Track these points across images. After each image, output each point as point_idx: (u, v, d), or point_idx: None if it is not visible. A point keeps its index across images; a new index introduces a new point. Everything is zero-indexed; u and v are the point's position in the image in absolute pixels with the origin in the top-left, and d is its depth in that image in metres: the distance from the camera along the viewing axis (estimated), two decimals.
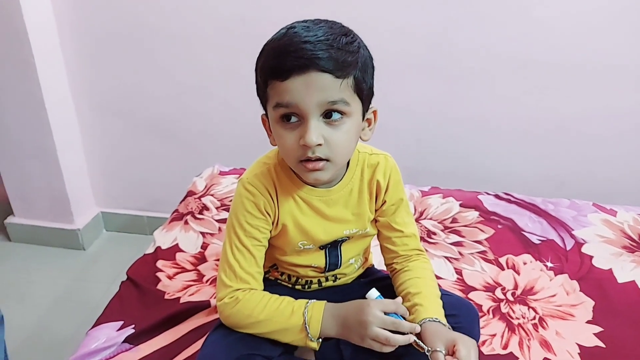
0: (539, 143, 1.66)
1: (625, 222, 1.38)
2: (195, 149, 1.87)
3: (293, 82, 0.71)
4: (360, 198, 0.89)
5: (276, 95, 0.73)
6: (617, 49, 1.50)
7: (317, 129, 0.73)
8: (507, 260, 1.24)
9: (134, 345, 0.97)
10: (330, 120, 0.74)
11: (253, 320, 0.82)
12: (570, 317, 1.07)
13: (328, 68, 0.70)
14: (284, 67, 0.71)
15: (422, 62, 1.59)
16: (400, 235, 0.93)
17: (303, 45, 0.70)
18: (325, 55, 0.70)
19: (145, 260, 1.22)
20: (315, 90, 0.71)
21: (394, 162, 0.92)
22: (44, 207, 1.94)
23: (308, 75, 0.70)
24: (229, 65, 1.69)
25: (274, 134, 0.79)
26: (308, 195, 0.86)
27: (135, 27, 1.69)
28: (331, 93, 0.72)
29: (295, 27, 0.74)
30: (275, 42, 0.74)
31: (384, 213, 0.92)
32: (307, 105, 0.72)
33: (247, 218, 0.85)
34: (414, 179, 1.60)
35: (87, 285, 1.78)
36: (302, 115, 0.73)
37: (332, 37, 0.72)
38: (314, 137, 0.72)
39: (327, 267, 0.93)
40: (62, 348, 1.47)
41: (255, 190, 0.84)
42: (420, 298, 0.83)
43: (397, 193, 0.91)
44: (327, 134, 0.74)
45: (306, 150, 0.74)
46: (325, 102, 0.72)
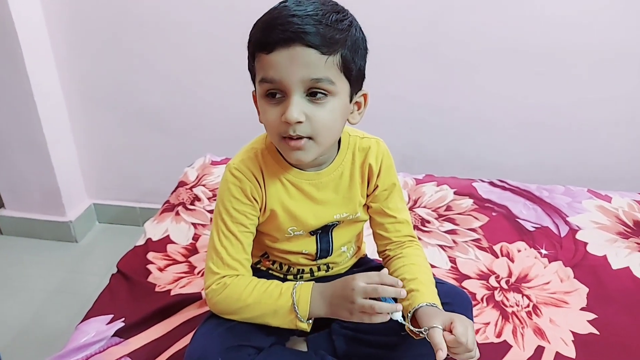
0: (533, 130, 1.65)
1: (620, 208, 1.37)
2: (186, 138, 1.85)
3: (277, 56, 0.70)
4: (352, 182, 0.88)
5: (262, 70, 0.73)
6: (610, 37, 1.48)
7: (298, 105, 0.72)
8: (502, 248, 1.24)
9: (124, 339, 0.95)
10: (314, 98, 0.73)
11: (241, 305, 0.81)
12: (564, 304, 1.07)
13: (313, 43, 0.69)
14: (269, 40, 0.70)
15: (416, 50, 1.57)
16: (393, 222, 0.92)
17: (290, 19, 0.69)
18: (311, 30, 0.69)
19: (135, 253, 1.21)
20: (299, 65, 0.70)
21: (386, 147, 0.91)
22: (36, 199, 1.92)
23: (292, 49, 0.69)
24: (219, 54, 1.66)
25: (260, 109, 0.78)
26: (297, 179, 0.85)
27: (124, 18, 1.66)
28: (315, 70, 0.70)
29: (286, 2, 0.73)
30: (265, 16, 0.73)
31: (377, 198, 0.91)
32: (290, 81, 0.71)
33: (233, 204, 0.83)
34: (408, 167, 1.59)
35: (80, 277, 1.77)
36: (286, 91, 0.72)
37: (322, 13, 0.70)
38: (295, 113, 0.71)
39: (318, 253, 0.92)
40: (56, 341, 1.46)
41: (241, 176, 0.83)
42: (416, 284, 0.83)
43: (390, 178, 0.90)
44: (310, 112, 0.72)
45: (288, 127, 0.73)
46: (309, 78, 0.71)
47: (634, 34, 1.47)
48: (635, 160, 1.64)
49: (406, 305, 0.80)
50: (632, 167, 1.65)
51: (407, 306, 0.79)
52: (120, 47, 1.71)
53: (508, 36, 1.51)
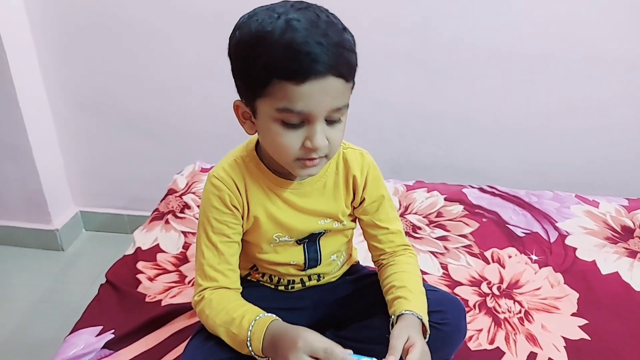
0: (521, 136, 1.66)
1: (608, 213, 1.39)
2: (174, 144, 1.83)
3: (309, 87, 0.67)
4: (336, 192, 0.88)
5: (285, 99, 0.68)
6: (598, 42, 1.50)
7: (322, 132, 0.72)
8: (492, 254, 1.24)
9: (114, 350, 0.94)
10: (330, 122, 0.73)
11: (212, 324, 0.81)
12: (555, 310, 1.07)
13: (343, 73, 0.68)
14: (300, 70, 0.66)
15: (403, 56, 1.57)
16: (386, 232, 0.92)
17: (318, 48, 0.65)
18: (341, 60, 0.68)
19: (124, 262, 1.19)
20: (329, 96, 0.69)
21: (371, 159, 0.90)
22: (21, 207, 1.88)
23: (325, 80, 0.67)
24: (207, 60, 1.65)
25: (266, 130, 0.74)
26: (279, 188, 0.85)
27: (111, 22, 1.64)
28: (341, 99, 0.71)
29: (298, 20, 0.67)
30: (280, 37, 0.66)
31: (366, 211, 0.90)
32: (319, 112, 0.70)
33: (213, 214, 0.83)
34: (397, 173, 1.59)
35: (66, 286, 1.74)
36: (310, 120, 0.71)
37: (343, 38, 0.69)
38: (322, 141, 0.72)
39: (306, 263, 0.91)
40: (42, 352, 1.43)
41: (220, 184, 0.82)
42: (404, 291, 0.83)
43: (377, 190, 0.90)
44: (329, 135, 0.73)
45: (309, 152, 0.73)
46: (335, 108, 0.71)
47: (619, 40, 1.49)
48: (621, 165, 1.67)
49: (391, 311, 0.80)
50: (618, 171, 1.67)
51: (392, 312, 0.80)
52: (107, 52, 1.69)
53: (495, 43, 1.53)
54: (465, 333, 0.88)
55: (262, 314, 0.79)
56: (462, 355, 0.91)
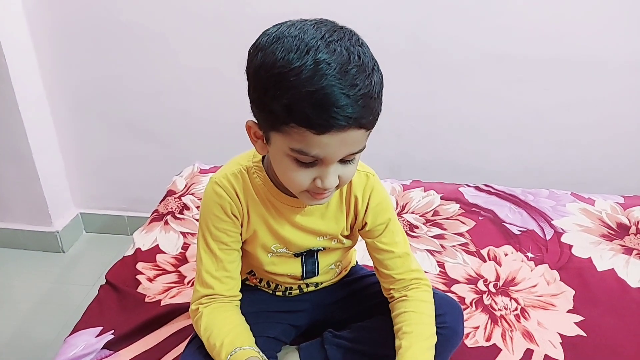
0: (517, 135, 1.68)
1: (603, 210, 1.40)
2: (174, 146, 1.84)
3: (329, 138, 0.65)
4: (339, 212, 0.86)
5: (303, 143, 0.66)
6: (592, 42, 1.51)
7: (335, 172, 0.71)
8: (489, 252, 1.25)
9: (114, 351, 0.95)
10: (344, 162, 0.72)
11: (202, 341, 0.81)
12: (551, 307, 1.08)
13: (366, 124, 0.67)
14: (322, 123, 0.63)
15: (399, 57, 1.58)
16: (392, 256, 0.87)
17: (346, 102, 0.62)
18: (366, 113, 0.65)
19: (124, 263, 1.20)
20: (348, 145, 0.68)
21: (376, 182, 0.86)
22: (21, 209, 1.89)
23: (346, 132, 0.65)
24: (207, 62, 1.66)
25: (278, 161, 0.72)
26: (281, 204, 0.83)
27: (110, 25, 1.65)
28: (359, 145, 0.70)
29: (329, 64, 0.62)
30: (306, 82, 0.62)
31: (370, 234, 0.87)
32: (334, 158, 0.69)
33: (213, 221, 0.82)
34: (395, 173, 1.60)
35: (67, 288, 1.75)
36: (324, 162, 0.69)
37: (371, 87, 0.65)
38: (333, 182, 0.71)
39: (304, 274, 0.90)
40: (43, 353, 1.45)
41: (222, 192, 0.81)
42: (409, 339, 0.79)
43: (382, 214, 0.86)
44: (341, 172, 0.72)
45: (320, 189, 0.72)
46: (350, 153, 0.70)
47: (618, 40, 1.50)
48: (617, 163, 1.68)
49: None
50: (613, 169, 1.68)
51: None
52: (107, 55, 1.70)
53: (491, 43, 1.54)
54: (462, 335, 0.89)
55: (238, 347, 0.78)
56: (459, 353, 0.92)
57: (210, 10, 1.57)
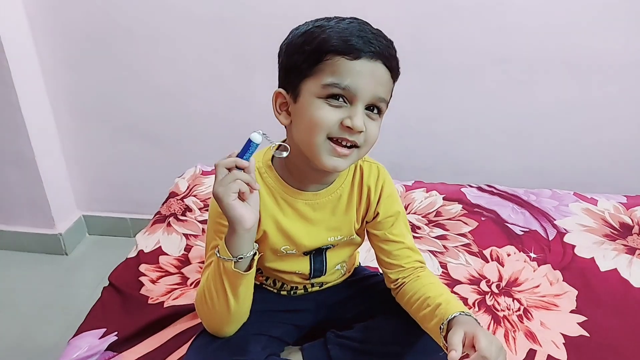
0: (519, 136, 1.68)
1: (606, 210, 1.40)
2: (176, 149, 1.85)
3: (362, 65, 0.71)
4: (349, 205, 0.87)
5: (336, 73, 0.71)
6: (595, 43, 1.51)
7: (363, 115, 0.74)
8: (491, 252, 1.25)
9: (117, 352, 0.95)
10: (371, 113, 0.75)
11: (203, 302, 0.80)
12: (554, 307, 1.08)
13: (391, 66, 0.74)
14: (357, 47, 0.70)
15: (402, 58, 1.56)
16: (402, 247, 0.89)
17: (372, 37, 0.72)
18: (390, 53, 0.74)
19: (127, 265, 1.20)
20: (376, 81, 0.73)
21: (386, 173, 0.89)
22: (24, 212, 1.90)
23: (376, 64, 0.72)
24: (208, 65, 1.67)
25: (307, 107, 0.73)
26: (293, 199, 0.84)
27: (112, 28, 1.66)
28: (384, 89, 0.75)
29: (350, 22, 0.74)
30: (336, 25, 0.73)
31: (380, 225, 0.89)
32: (364, 93, 0.72)
33: (222, 219, 0.81)
34: (398, 174, 1.59)
35: (70, 290, 1.76)
36: (352, 100, 0.73)
37: (390, 43, 0.75)
38: (361, 122, 0.73)
39: (311, 273, 0.91)
40: (47, 356, 1.45)
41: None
42: (444, 298, 0.81)
43: (392, 206, 0.89)
44: (367, 124, 0.74)
45: (345, 132, 0.73)
46: (378, 96, 0.74)
47: (617, 40, 1.50)
48: (618, 163, 1.67)
49: (437, 320, 0.78)
50: (616, 169, 1.68)
51: (440, 319, 0.77)
52: (109, 58, 1.71)
53: (492, 45, 1.54)
54: None
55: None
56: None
57: (212, 13, 1.58)
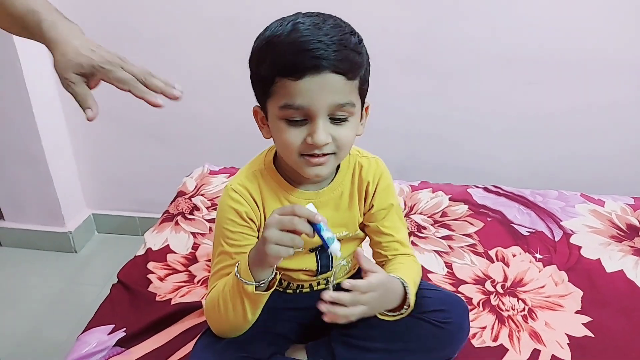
0: (526, 137, 1.67)
1: (613, 211, 1.39)
2: (185, 149, 1.86)
3: (307, 83, 0.70)
4: (351, 201, 0.89)
5: (286, 95, 0.72)
6: (603, 45, 1.50)
7: (325, 128, 0.73)
8: (497, 253, 1.25)
9: (126, 348, 0.97)
10: (336, 120, 0.75)
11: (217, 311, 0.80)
12: (559, 307, 1.08)
13: (342, 69, 0.70)
14: (298, 66, 0.69)
15: (408, 58, 1.59)
16: (391, 240, 0.91)
17: (318, 45, 0.69)
18: (340, 56, 0.70)
19: (135, 263, 1.22)
20: (328, 92, 0.71)
21: (384, 166, 0.91)
22: (35, 210, 1.93)
23: (322, 76, 0.70)
24: (216, 65, 1.68)
25: (275, 130, 0.77)
26: (296, 199, 0.85)
27: (121, 28, 1.68)
28: (342, 96, 0.72)
29: (303, 23, 0.71)
30: (285, 37, 0.71)
31: (373, 217, 0.91)
32: (318, 107, 0.72)
33: (229, 226, 0.84)
34: (404, 174, 1.60)
35: (80, 288, 1.78)
36: (311, 116, 0.73)
37: (345, 38, 0.71)
38: (323, 137, 0.73)
39: (318, 269, 0.92)
40: (56, 352, 1.47)
41: (239, 197, 0.83)
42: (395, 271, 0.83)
43: (387, 198, 0.90)
44: (334, 132, 0.75)
45: (312, 148, 0.74)
46: (336, 104, 0.72)
47: (625, 42, 1.49)
48: (626, 165, 1.66)
49: None
50: (624, 171, 1.67)
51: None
52: None
53: (501, 45, 1.54)
54: (468, 332, 0.90)
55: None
56: (465, 352, 0.93)
57: (219, 14, 1.59)
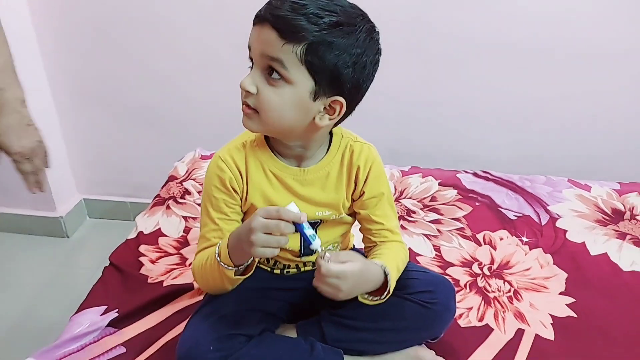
0: (516, 123, 1.68)
1: (599, 196, 1.42)
2: (176, 134, 1.86)
3: (256, 29, 0.76)
4: (339, 182, 0.90)
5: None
6: (593, 34, 1.51)
7: (254, 77, 0.77)
8: (484, 236, 1.28)
9: (118, 329, 0.98)
10: (269, 77, 0.76)
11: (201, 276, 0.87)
12: (543, 289, 1.11)
13: (276, 26, 0.73)
14: (258, 14, 0.76)
15: (400, 45, 1.59)
16: (380, 228, 0.93)
17: (274, 3, 0.74)
18: (280, 14, 0.73)
19: (127, 245, 1.23)
20: (261, 42, 0.75)
21: (377, 154, 0.92)
22: (26, 195, 1.88)
23: (263, 27, 0.75)
24: (208, 51, 1.68)
25: None
26: (281, 173, 0.87)
27: (112, 13, 1.66)
28: (271, 49, 0.74)
29: None
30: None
31: (365, 205, 0.92)
32: (254, 53, 0.77)
33: (213, 192, 0.87)
34: (395, 160, 1.61)
35: (71, 272, 1.78)
36: (253, 62, 0.78)
37: (308, 4, 0.72)
38: (247, 82, 0.77)
39: (302, 250, 0.93)
40: (48, 334, 1.47)
41: (224, 165, 0.86)
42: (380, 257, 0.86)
43: (379, 186, 0.91)
44: (261, 87, 0.77)
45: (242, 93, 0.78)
46: (264, 54, 0.75)
47: (616, 31, 1.50)
48: (613, 152, 1.69)
49: None
50: (612, 158, 1.69)
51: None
52: (109, 43, 1.72)
53: (492, 32, 1.54)
54: (454, 312, 0.92)
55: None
56: (452, 332, 0.95)
57: None
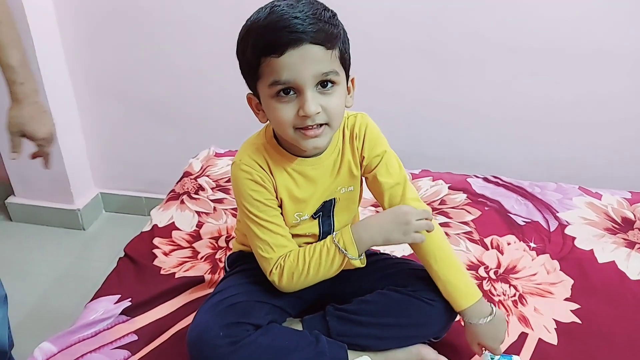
0: (528, 128, 1.69)
1: (610, 205, 1.42)
2: (191, 131, 1.90)
3: (289, 57, 0.75)
4: (347, 154, 0.93)
5: (272, 73, 0.77)
6: (606, 36, 1.51)
7: (314, 99, 0.78)
8: (492, 241, 1.28)
9: (131, 317, 1.01)
10: (324, 89, 0.79)
11: (303, 278, 0.88)
12: (549, 294, 1.11)
13: (320, 40, 0.75)
14: (279, 42, 0.75)
15: (412, 47, 1.61)
16: (390, 185, 0.93)
17: (294, 21, 0.74)
18: (315, 28, 0.75)
19: (142, 238, 1.27)
20: (310, 62, 0.76)
21: (369, 119, 0.95)
22: (44, 187, 1.97)
23: (302, 48, 0.75)
24: (225, 49, 1.68)
25: (268, 109, 0.82)
26: (301, 167, 0.90)
27: (134, 10, 1.71)
28: (324, 65, 0.77)
29: (279, 5, 0.77)
30: (263, 21, 0.77)
31: (369, 168, 0.94)
32: (303, 78, 0.76)
33: (253, 196, 0.88)
34: (405, 162, 1.62)
35: (86, 263, 1.83)
36: (298, 88, 0.78)
37: (318, 12, 0.77)
38: (313, 106, 0.77)
39: (320, 235, 0.97)
40: (63, 323, 1.50)
41: (249, 169, 0.88)
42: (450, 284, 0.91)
43: (377, 148, 0.93)
44: (323, 102, 0.79)
45: (305, 120, 0.79)
46: (320, 73, 0.77)
47: (628, 34, 1.50)
48: (626, 159, 1.68)
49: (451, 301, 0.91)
50: (623, 166, 1.69)
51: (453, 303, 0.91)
52: (128, 40, 1.76)
53: (504, 34, 1.55)
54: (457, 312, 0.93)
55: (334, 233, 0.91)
56: (455, 332, 0.96)
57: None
